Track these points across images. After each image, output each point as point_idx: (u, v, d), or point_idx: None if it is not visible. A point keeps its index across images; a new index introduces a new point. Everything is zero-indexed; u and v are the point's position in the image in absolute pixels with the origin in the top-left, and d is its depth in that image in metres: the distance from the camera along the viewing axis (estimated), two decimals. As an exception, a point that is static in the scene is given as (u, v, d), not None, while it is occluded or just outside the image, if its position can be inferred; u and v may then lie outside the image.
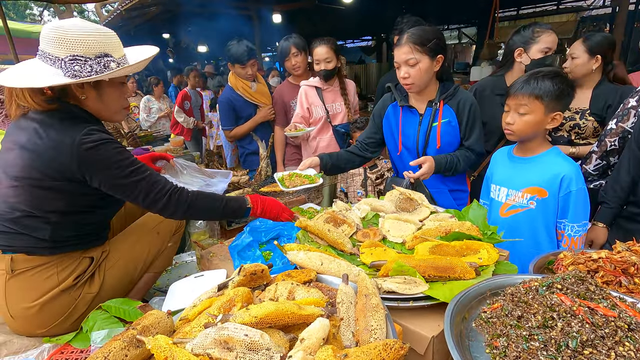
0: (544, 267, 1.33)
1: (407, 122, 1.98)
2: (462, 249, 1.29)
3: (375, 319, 0.90)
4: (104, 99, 1.36)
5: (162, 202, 1.36)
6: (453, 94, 1.90)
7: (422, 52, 1.75)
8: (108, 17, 8.82)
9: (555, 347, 0.75)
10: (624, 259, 1.14)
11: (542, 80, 1.48)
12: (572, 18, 9.92)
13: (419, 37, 1.75)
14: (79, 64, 1.23)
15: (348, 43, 17.06)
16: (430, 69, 1.80)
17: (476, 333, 0.93)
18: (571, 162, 1.56)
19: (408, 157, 2.02)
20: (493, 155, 1.85)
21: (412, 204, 1.72)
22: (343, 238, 1.44)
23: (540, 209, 1.59)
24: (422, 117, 1.93)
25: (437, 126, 1.89)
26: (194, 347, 0.80)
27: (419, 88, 1.86)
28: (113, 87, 1.38)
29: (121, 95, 1.43)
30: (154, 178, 1.36)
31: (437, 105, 1.89)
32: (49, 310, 1.32)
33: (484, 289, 1.07)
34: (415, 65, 1.77)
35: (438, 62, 1.82)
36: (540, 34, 2.08)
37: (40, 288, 1.31)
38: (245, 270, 1.10)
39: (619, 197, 1.70)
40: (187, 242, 2.49)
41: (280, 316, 0.86)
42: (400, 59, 1.79)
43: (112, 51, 1.30)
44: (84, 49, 1.23)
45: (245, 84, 3.00)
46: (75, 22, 1.25)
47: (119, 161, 1.28)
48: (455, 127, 1.91)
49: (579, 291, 0.84)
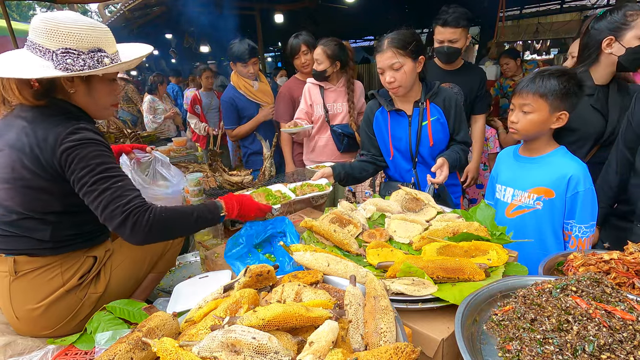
0: (554, 269, 1.30)
1: (397, 125, 2.00)
2: (470, 249, 1.27)
3: (384, 322, 0.88)
4: (94, 94, 1.33)
5: (117, 221, 1.19)
6: (437, 92, 1.95)
7: (405, 55, 1.79)
8: (111, 17, 8.84)
9: (571, 351, 0.73)
10: (637, 260, 1.11)
11: (548, 79, 1.46)
12: (576, 17, 9.86)
13: (400, 41, 1.78)
14: (72, 57, 1.20)
15: (351, 43, 17.10)
16: (414, 70, 1.85)
17: (487, 336, 0.91)
18: (579, 162, 1.54)
19: (401, 160, 2.06)
20: (498, 155, 1.83)
21: (419, 204, 1.70)
22: (349, 238, 1.42)
23: (547, 209, 1.57)
24: (411, 118, 1.97)
25: (427, 125, 1.93)
26: (201, 350, 0.78)
27: (406, 90, 1.89)
28: (104, 83, 1.35)
29: (111, 91, 1.40)
30: (121, 192, 1.22)
31: (424, 105, 1.93)
32: (55, 310, 1.32)
33: (495, 290, 1.05)
34: (400, 69, 1.80)
35: (420, 62, 1.86)
36: (636, 17, 1.75)
37: (45, 289, 1.30)
38: (251, 271, 1.08)
39: (608, 197, 1.71)
40: (190, 242, 2.48)
41: (288, 318, 0.84)
42: (384, 65, 1.82)
43: (106, 47, 1.28)
44: (77, 43, 1.21)
45: (247, 82, 3.01)
46: (68, 15, 1.22)
47: (90, 165, 1.20)
48: (444, 124, 1.95)
49: (595, 293, 0.82)
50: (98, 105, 1.37)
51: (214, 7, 7.12)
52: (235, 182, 2.60)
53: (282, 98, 2.95)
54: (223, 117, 3.20)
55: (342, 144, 2.76)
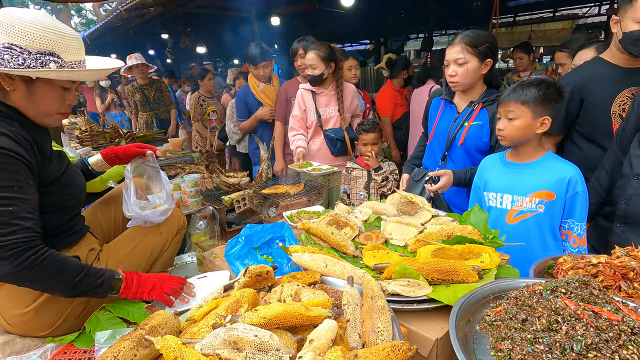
0: (544, 272, 1.34)
1: (445, 115, 2.09)
2: (464, 252, 1.31)
3: (381, 321, 0.91)
4: (34, 98, 1.23)
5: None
6: (494, 100, 1.95)
7: (472, 54, 1.84)
8: (106, 16, 8.79)
9: (560, 350, 0.77)
10: (623, 263, 1.16)
11: (528, 88, 1.56)
12: (568, 25, 10.06)
13: (472, 39, 1.84)
14: (11, 54, 1.14)
15: (347, 46, 17.18)
16: (478, 70, 1.89)
17: (480, 336, 0.94)
18: (572, 165, 1.62)
19: (436, 148, 2.15)
20: (482, 164, 1.85)
21: (414, 207, 1.74)
22: (346, 240, 1.45)
23: (548, 212, 1.62)
24: (459, 115, 2.02)
25: (466, 126, 1.98)
26: (204, 347, 0.80)
27: (464, 87, 1.94)
28: (50, 88, 1.25)
29: (58, 99, 1.28)
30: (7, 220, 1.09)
31: (475, 106, 1.97)
32: (46, 313, 1.29)
33: (487, 292, 1.08)
34: (463, 65, 1.86)
35: (486, 65, 1.90)
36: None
37: (30, 293, 1.26)
38: (250, 271, 1.10)
39: (598, 194, 1.77)
40: (187, 243, 2.48)
41: (288, 317, 0.87)
42: (450, 57, 1.89)
43: (63, 52, 1.21)
44: (27, 41, 1.15)
45: (256, 82, 3.23)
46: (33, 15, 1.18)
47: None
48: (487, 132, 1.97)
49: (583, 295, 0.86)
50: (38, 110, 1.26)
51: (211, 9, 7.13)
52: (232, 183, 2.62)
53: (280, 98, 3.09)
54: (236, 110, 3.45)
55: (335, 148, 2.80)
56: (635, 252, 1.21)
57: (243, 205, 2.46)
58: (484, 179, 1.80)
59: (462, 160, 2.04)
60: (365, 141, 2.60)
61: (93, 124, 4.59)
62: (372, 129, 2.58)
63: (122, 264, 1.52)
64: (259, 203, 2.42)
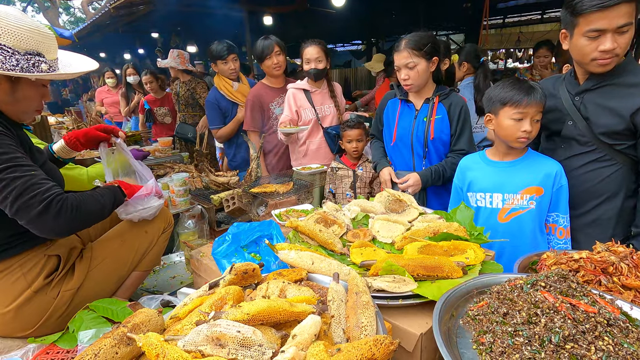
0: (528, 268, 1.37)
1: (404, 115, 2.16)
2: (449, 249, 1.32)
3: (365, 316, 0.92)
4: (17, 95, 1.27)
5: (36, 210, 1.12)
6: (447, 95, 2.09)
7: (419, 56, 1.96)
8: (95, 14, 8.68)
9: (538, 342, 0.78)
10: (603, 259, 1.18)
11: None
12: (555, 27, 10.20)
13: (416, 43, 1.95)
14: (4, 55, 1.16)
15: (338, 47, 17.20)
16: (427, 70, 2.01)
17: (463, 330, 0.95)
18: (553, 160, 1.66)
19: (402, 148, 2.20)
20: (462, 165, 1.85)
21: (402, 205, 1.75)
22: (333, 238, 1.45)
23: (538, 207, 1.65)
24: (418, 112, 2.12)
25: (431, 120, 2.07)
26: (186, 344, 0.80)
27: (418, 88, 2.07)
28: (33, 86, 1.30)
29: (39, 96, 1.34)
30: (36, 180, 1.15)
31: (432, 102, 2.07)
32: (27, 312, 1.29)
33: (471, 287, 1.09)
34: (413, 68, 1.97)
35: (433, 63, 2.02)
36: None
37: (9, 292, 1.27)
38: (236, 269, 1.10)
39: None
40: (175, 242, 2.47)
41: (272, 313, 0.87)
42: (400, 63, 2.00)
43: (46, 52, 1.25)
44: (15, 41, 1.18)
45: (227, 83, 3.04)
46: (17, 14, 1.20)
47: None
48: (447, 124, 2.07)
49: (562, 288, 0.88)
50: (18, 107, 1.29)
51: (202, 8, 7.09)
52: (222, 182, 2.60)
53: (251, 106, 2.84)
54: (208, 118, 3.19)
55: (335, 145, 2.77)
56: (614, 247, 1.24)
57: (232, 205, 2.45)
58: (466, 180, 1.80)
59: (437, 155, 2.12)
60: (350, 137, 2.56)
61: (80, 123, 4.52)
62: (356, 125, 2.56)
63: (107, 261, 1.50)
64: (248, 202, 2.41)
